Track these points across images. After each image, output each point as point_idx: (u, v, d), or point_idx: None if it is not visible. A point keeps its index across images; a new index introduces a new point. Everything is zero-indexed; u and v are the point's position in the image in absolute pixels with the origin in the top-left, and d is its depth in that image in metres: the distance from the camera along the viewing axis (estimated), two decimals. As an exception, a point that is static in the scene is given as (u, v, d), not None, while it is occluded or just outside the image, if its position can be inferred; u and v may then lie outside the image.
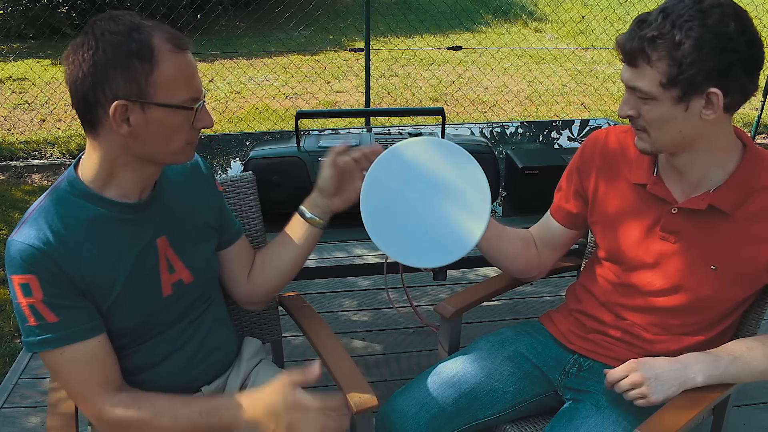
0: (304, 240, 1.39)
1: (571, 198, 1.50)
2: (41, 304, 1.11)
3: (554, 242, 1.56)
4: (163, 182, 1.27)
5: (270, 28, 7.73)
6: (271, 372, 1.47)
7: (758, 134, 5.04)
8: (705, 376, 1.27)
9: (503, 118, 5.31)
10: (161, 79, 1.08)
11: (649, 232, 1.36)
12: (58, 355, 1.15)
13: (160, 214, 1.25)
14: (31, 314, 1.12)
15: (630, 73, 1.20)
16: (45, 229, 1.12)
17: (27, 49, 6.94)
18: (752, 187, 1.26)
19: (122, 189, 1.18)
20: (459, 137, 1.87)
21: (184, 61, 1.11)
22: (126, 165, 1.16)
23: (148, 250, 1.23)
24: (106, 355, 1.19)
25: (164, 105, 1.09)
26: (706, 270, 1.31)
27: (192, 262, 1.30)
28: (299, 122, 1.75)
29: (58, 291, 1.12)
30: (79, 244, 1.14)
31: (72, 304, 1.14)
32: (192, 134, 1.17)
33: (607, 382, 1.30)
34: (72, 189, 1.16)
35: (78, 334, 1.15)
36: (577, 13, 8.31)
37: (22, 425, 2.14)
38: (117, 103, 1.07)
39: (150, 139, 1.12)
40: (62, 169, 4.35)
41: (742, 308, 1.38)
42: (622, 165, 1.40)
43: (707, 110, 1.17)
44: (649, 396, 1.25)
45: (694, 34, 1.11)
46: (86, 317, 1.16)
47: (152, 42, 1.07)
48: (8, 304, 2.83)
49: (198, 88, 1.14)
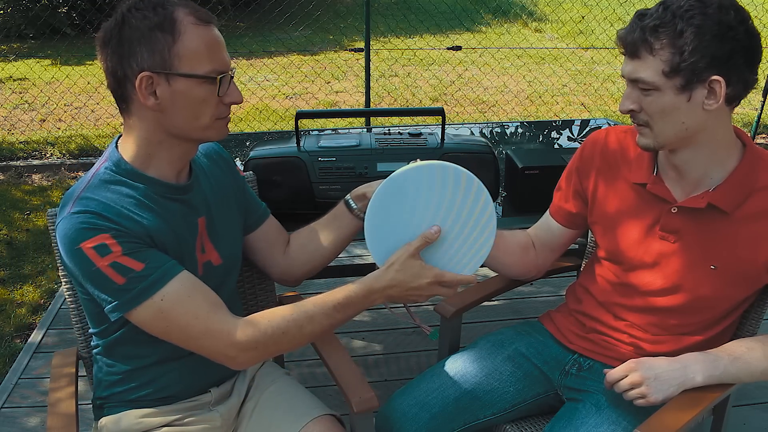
0: (346, 228, 1.40)
1: (571, 198, 1.50)
2: (123, 257, 1.10)
3: (554, 243, 1.56)
4: (195, 166, 1.29)
5: (270, 28, 7.73)
6: (275, 374, 1.48)
7: (758, 134, 5.04)
8: (704, 376, 1.27)
9: (503, 118, 5.31)
10: (184, 50, 1.09)
11: (649, 232, 1.36)
12: (159, 303, 1.12)
13: (199, 196, 1.27)
14: (116, 272, 1.10)
15: (632, 65, 1.20)
16: (98, 200, 1.12)
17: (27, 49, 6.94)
18: (752, 186, 1.26)
19: (161, 169, 1.19)
20: (459, 137, 1.87)
21: (208, 34, 1.12)
22: (160, 143, 1.17)
23: (190, 229, 1.24)
24: (202, 284, 1.18)
25: (188, 75, 1.11)
26: (705, 270, 1.31)
27: (221, 244, 1.31)
28: (299, 122, 1.75)
29: (132, 241, 1.11)
30: (136, 211, 1.14)
31: (148, 249, 1.14)
32: (221, 109, 1.17)
33: (606, 382, 1.30)
34: (117, 168, 1.17)
35: (168, 270, 1.13)
36: (577, 13, 8.31)
37: (22, 425, 2.14)
38: (142, 75, 1.09)
39: (178, 112, 1.13)
40: (62, 170, 4.35)
41: (741, 308, 1.38)
42: (622, 165, 1.40)
43: (709, 100, 1.18)
44: (648, 396, 1.25)
45: (695, 22, 1.13)
46: (165, 257, 1.15)
47: (175, 14, 1.09)
48: (8, 304, 2.83)
49: (223, 61, 1.14)
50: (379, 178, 1.69)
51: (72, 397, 1.37)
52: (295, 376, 2.34)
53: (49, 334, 2.61)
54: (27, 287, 2.98)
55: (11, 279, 3.04)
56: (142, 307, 1.12)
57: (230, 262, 1.35)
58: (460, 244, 1.24)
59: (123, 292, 1.11)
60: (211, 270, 1.29)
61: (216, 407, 1.37)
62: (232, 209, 1.36)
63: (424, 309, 2.78)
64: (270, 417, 1.36)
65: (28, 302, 2.86)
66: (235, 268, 1.39)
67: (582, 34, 7.68)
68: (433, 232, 1.20)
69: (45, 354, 2.49)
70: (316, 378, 2.37)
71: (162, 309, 1.12)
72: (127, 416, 1.31)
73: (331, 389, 2.27)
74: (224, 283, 1.34)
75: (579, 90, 5.97)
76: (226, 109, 1.19)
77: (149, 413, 1.31)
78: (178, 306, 1.13)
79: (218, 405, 1.38)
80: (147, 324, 1.14)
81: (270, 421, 1.36)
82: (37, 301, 2.88)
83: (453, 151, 1.72)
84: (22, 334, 2.66)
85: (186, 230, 1.23)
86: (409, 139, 1.77)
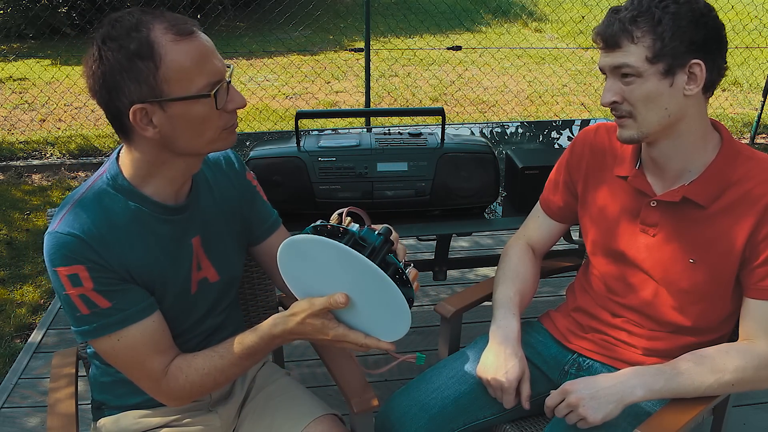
0: None
1: (561, 191, 1.52)
2: (92, 292, 1.10)
3: (551, 240, 1.60)
4: (198, 180, 1.26)
5: (270, 28, 7.73)
6: (275, 374, 1.48)
7: (758, 134, 5.04)
8: (645, 390, 1.24)
9: (503, 118, 5.31)
10: (170, 72, 1.03)
11: (632, 225, 1.38)
12: (115, 341, 1.13)
13: (196, 214, 1.24)
14: (82, 303, 1.10)
15: (612, 55, 1.22)
16: (86, 220, 1.10)
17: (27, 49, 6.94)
18: (729, 180, 1.27)
19: (159, 188, 1.16)
20: (459, 137, 1.87)
21: (192, 47, 1.04)
22: (164, 163, 1.14)
23: (184, 249, 1.23)
24: (162, 332, 1.18)
25: (181, 98, 1.05)
26: (684, 263, 1.31)
27: (219, 260, 1.29)
28: (299, 122, 1.75)
29: (106, 278, 1.11)
30: (121, 237, 1.13)
31: (122, 287, 1.13)
32: (225, 118, 1.12)
33: (546, 408, 1.30)
34: (114, 183, 1.15)
35: (132, 316, 1.13)
36: (577, 13, 8.31)
37: (22, 425, 2.14)
38: (135, 108, 1.04)
39: (180, 135, 1.08)
40: (62, 170, 4.35)
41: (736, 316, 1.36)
42: (610, 159, 1.43)
43: (690, 85, 1.21)
44: (587, 417, 1.23)
45: (671, 10, 1.18)
46: (138, 298, 1.15)
47: (151, 36, 1.02)
48: (8, 304, 2.83)
49: (215, 70, 1.07)
50: (380, 177, 1.71)
51: (72, 397, 1.37)
52: (296, 376, 2.35)
53: (49, 334, 2.61)
54: (27, 287, 2.98)
55: (11, 279, 3.04)
56: (99, 339, 1.14)
57: (229, 278, 1.33)
58: (370, 314, 1.10)
59: (85, 322, 1.13)
60: (206, 286, 1.28)
61: (215, 408, 1.37)
62: (235, 224, 1.33)
63: (425, 309, 2.78)
64: (271, 417, 1.36)
65: (28, 302, 2.86)
66: (233, 284, 1.37)
67: (582, 34, 7.68)
68: (339, 301, 1.07)
69: (45, 354, 2.49)
70: (316, 378, 2.37)
71: (114, 348, 1.15)
72: (126, 417, 1.31)
73: (331, 389, 2.27)
74: (222, 298, 1.33)
75: (579, 90, 5.97)
76: (232, 116, 1.13)
77: (148, 413, 1.31)
78: (130, 350, 1.15)
79: (217, 406, 1.38)
80: (99, 351, 1.18)
81: (271, 422, 1.35)
82: (37, 301, 2.88)
83: (453, 150, 1.72)
84: (22, 334, 2.66)
85: (178, 252, 1.21)
86: (409, 139, 1.77)
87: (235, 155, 1.36)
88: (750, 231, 1.25)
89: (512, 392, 1.36)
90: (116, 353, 1.15)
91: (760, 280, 1.26)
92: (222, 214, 1.30)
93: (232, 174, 1.33)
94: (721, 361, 1.25)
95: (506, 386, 1.35)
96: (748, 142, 4.95)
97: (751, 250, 1.26)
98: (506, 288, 1.49)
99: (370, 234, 1.05)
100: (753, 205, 1.24)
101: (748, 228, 1.25)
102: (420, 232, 1.81)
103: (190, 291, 1.25)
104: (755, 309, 1.27)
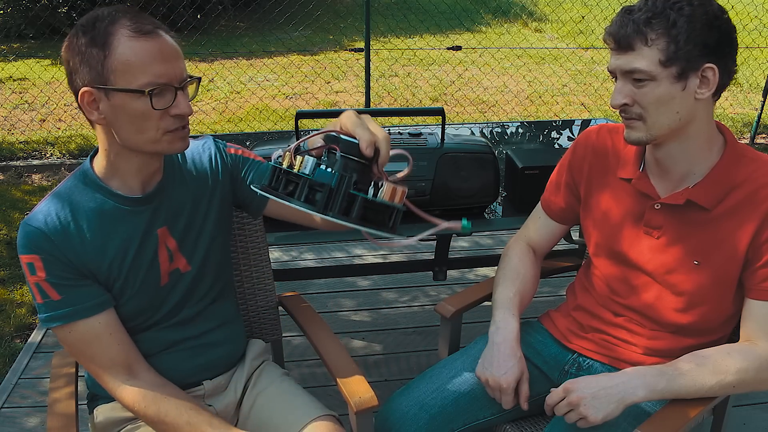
0: None
1: (563, 193, 1.52)
2: (45, 282, 1.17)
3: (552, 241, 1.60)
4: (170, 172, 1.29)
5: (270, 28, 7.72)
6: (274, 373, 1.48)
7: (758, 134, 5.04)
8: (646, 391, 1.24)
9: (503, 118, 5.31)
10: (116, 64, 1.08)
11: (635, 228, 1.37)
12: (67, 333, 1.20)
13: (164, 205, 1.27)
14: (38, 292, 1.18)
15: (625, 58, 1.21)
16: (53, 214, 1.17)
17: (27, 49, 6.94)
18: (732, 182, 1.27)
19: (125, 181, 1.22)
20: (459, 137, 1.87)
21: (144, 46, 1.09)
22: (118, 155, 1.19)
23: (148, 240, 1.25)
24: (112, 335, 1.22)
25: (121, 90, 1.10)
26: (689, 265, 1.31)
27: (191, 251, 1.31)
28: (299, 122, 1.75)
29: (59, 271, 1.17)
30: (83, 233, 1.19)
31: (74, 283, 1.18)
32: (168, 121, 1.14)
33: (546, 406, 1.30)
34: (84, 178, 1.22)
35: (80, 312, 1.19)
36: (577, 13, 8.31)
37: (22, 425, 2.14)
38: (83, 90, 1.11)
39: (122, 127, 1.14)
40: (62, 170, 4.35)
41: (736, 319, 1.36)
42: (612, 161, 1.42)
43: (701, 88, 1.20)
44: (587, 416, 1.23)
45: (685, 12, 1.17)
46: (88, 296, 1.20)
47: (110, 28, 1.09)
48: (8, 304, 2.83)
49: (161, 72, 1.10)
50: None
51: (72, 397, 1.37)
52: (295, 376, 2.35)
53: (49, 334, 2.61)
54: (27, 287, 2.98)
55: (11, 279, 3.04)
56: (54, 328, 1.21)
57: (203, 268, 1.34)
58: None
59: (41, 310, 1.20)
60: (178, 277, 1.30)
61: (210, 401, 1.38)
62: (213, 211, 1.34)
63: (425, 309, 2.79)
64: (269, 418, 1.36)
65: (28, 302, 2.86)
66: (208, 274, 1.36)
67: (582, 34, 7.68)
68: None
69: (45, 354, 2.49)
70: (316, 378, 2.37)
71: (66, 339, 1.21)
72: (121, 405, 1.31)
73: (331, 389, 2.27)
74: (196, 288, 1.34)
75: (579, 90, 5.97)
76: (175, 121, 1.15)
77: None
78: (80, 344, 1.21)
79: (212, 398, 1.38)
80: (60, 341, 1.24)
81: (269, 423, 1.35)
82: (37, 301, 2.88)
83: (453, 151, 1.72)
84: (22, 334, 2.66)
85: (142, 243, 1.24)
86: (409, 139, 1.77)
87: (213, 140, 1.39)
88: (753, 233, 1.24)
89: (511, 393, 1.36)
90: (68, 345, 1.22)
91: (763, 281, 1.26)
92: (197, 203, 1.32)
93: (212, 157, 1.36)
94: (723, 362, 1.25)
95: (505, 387, 1.35)
96: (748, 142, 4.95)
97: (754, 252, 1.25)
98: (506, 288, 1.49)
99: (324, 174, 0.96)
100: (757, 207, 1.24)
101: (751, 230, 1.25)
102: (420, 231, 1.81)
103: (159, 283, 1.27)
104: (757, 310, 1.27)
